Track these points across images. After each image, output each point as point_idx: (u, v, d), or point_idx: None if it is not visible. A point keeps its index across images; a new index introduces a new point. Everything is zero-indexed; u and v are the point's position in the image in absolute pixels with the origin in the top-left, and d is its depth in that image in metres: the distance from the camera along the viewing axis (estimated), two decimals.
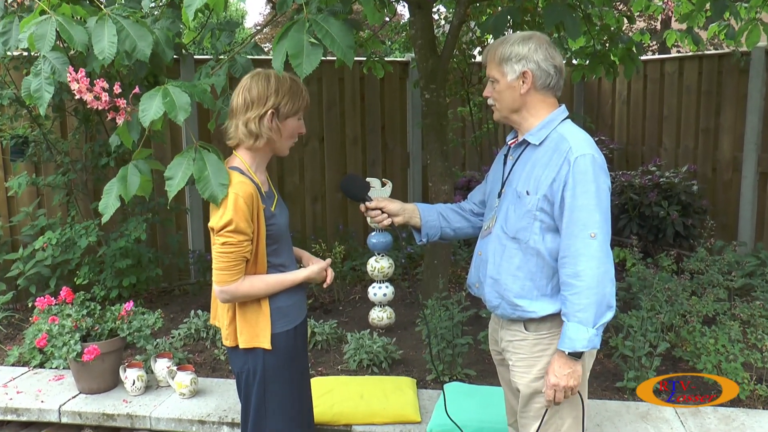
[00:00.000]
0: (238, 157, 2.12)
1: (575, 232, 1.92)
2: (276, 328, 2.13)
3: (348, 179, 2.33)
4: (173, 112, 1.93)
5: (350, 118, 6.18)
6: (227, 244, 2.02)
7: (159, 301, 5.23)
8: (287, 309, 2.15)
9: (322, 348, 4.20)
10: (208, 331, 4.35)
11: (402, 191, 6.41)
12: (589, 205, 1.91)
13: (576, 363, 1.96)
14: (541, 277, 2.03)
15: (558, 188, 1.95)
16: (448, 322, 3.70)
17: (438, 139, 4.41)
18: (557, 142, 1.99)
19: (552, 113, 2.05)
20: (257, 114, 2.04)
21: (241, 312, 2.13)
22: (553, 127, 2.03)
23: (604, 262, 1.91)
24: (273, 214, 2.11)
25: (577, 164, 1.92)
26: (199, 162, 2.00)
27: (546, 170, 1.98)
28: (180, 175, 2.00)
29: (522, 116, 2.07)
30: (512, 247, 2.05)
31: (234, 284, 2.05)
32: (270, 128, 2.06)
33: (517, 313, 2.07)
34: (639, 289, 4.30)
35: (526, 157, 2.07)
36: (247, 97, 2.05)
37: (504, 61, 2.03)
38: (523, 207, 2.02)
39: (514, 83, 2.03)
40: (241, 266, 2.05)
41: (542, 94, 2.04)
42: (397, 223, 2.31)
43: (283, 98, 2.06)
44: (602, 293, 1.91)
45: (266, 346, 2.11)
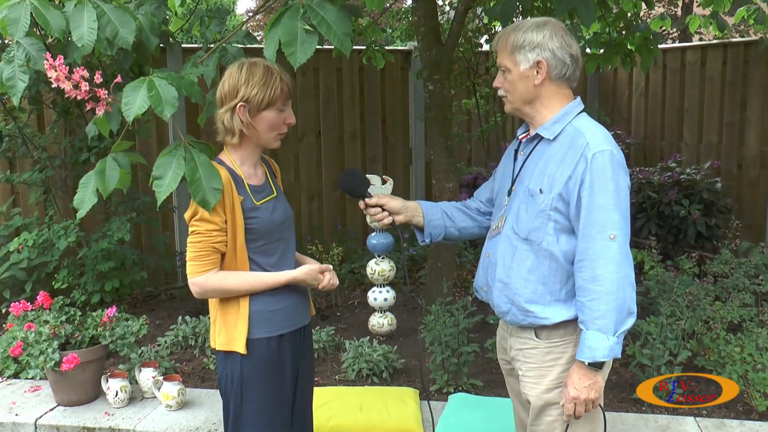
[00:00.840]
0: (225, 150, 2.16)
1: (593, 234, 1.92)
2: (255, 332, 2.12)
3: (347, 174, 2.33)
4: (159, 107, 1.93)
5: (349, 112, 6.18)
6: (196, 233, 2.06)
7: (144, 307, 5.23)
8: (271, 314, 2.14)
9: (319, 356, 4.20)
10: (196, 339, 4.35)
11: (404, 189, 6.41)
12: (608, 205, 1.90)
13: (596, 374, 1.96)
14: (555, 281, 2.02)
15: (574, 187, 1.94)
16: (453, 328, 3.70)
17: (442, 133, 4.40)
18: (573, 137, 1.99)
19: (567, 106, 2.04)
20: (230, 106, 2.06)
21: (221, 312, 2.15)
22: (568, 120, 2.02)
23: (623, 266, 1.91)
24: (256, 207, 2.11)
25: (595, 161, 1.92)
26: (190, 162, 2.01)
27: (561, 167, 1.97)
28: (170, 175, 2.00)
29: (535, 109, 2.06)
30: (524, 248, 2.05)
31: (203, 276, 2.07)
32: (241, 122, 2.07)
33: (529, 320, 2.06)
34: (658, 293, 4.29)
35: (539, 152, 2.06)
36: (222, 90, 2.08)
37: (517, 49, 2.02)
38: (535, 206, 2.01)
39: (527, 73, 2.02)
40: (212, 258, 2.07)
41: (557, 85, 2.03)
42: (398, 222, 2.30)
43: (252, 89, 2.05)
44: (622, 298, 1.91)
45: (240, 350, 2.10)
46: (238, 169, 2.12)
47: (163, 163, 2.02)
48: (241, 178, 2.10)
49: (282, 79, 2.08)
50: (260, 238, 2.12)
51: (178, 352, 4.33)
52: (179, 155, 2.02)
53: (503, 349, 2.28)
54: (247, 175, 2.14)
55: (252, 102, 2.06)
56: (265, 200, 2.15)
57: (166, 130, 5.51)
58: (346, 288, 5.51)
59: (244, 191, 2.10)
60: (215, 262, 2.08)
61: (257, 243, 2.12)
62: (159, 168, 2.02)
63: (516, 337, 2.15)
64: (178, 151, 2.03)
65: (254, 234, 2.11)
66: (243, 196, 2.09)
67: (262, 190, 2.17)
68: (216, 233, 2.05)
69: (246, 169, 2.14)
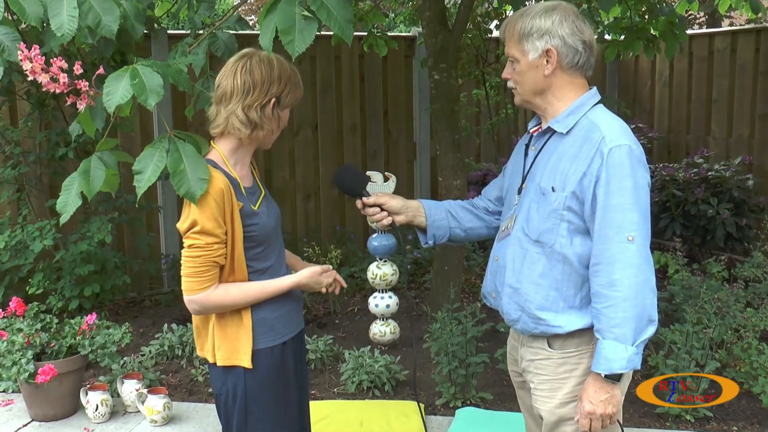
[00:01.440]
0: (215, 149, 2.13)
1: (610, 236, 1.92)
2: (259, 343, 2.13)
3: (343, 170, 2.33)
4: (143, 96, 1.94)
5: (348, 103, 6.19)
6: (194, 247, 2.03)
7: (127, 314, 5.25)
8: (273, 321, 2.16)
9: (316, 368, 4.21)
10: (183, 348, 4.37)
11: (407, 187, 6.42)
12: (626, 204, 1.91)
13: (614, 387, 1.97)
14: (569, 287, 2.03)
15: (589, 184, 1.95)
16: (461, 337, 3.71)
17: (449, 126, 4.41)
18: (588, 131, 1.99)
19: (581, 97, 2.05)
20: (260, 101, 2.07)
21: (219, 324, 2.14)
22: (582, 112, 2.03)
23: (643, 270, 1.91)
24: (255, 212, 2.11)
25: (612, 157, 1.92)
26: (173, 154, 2.00)
27: (574, 163, 1.98)
28: (151, 168, 2.00)
29: (547, 100, 2.07)
30: (534, 251, 2.06)
31: (204, 293, 2.06)
32: (270, 118, 2.10)
33: (540, 328, 2.07)
34: (683, 299, 4.30)
35: (551, 147, 2.07)
36: (248, 80, 2.07)
37: (524, 37, 2.03)
38: (547, 205, 2.02)
39: (536, 62, 2.03)
40: (212, 273, 2.06)
41: (569, 74, 2.04)
42: (398, 223, 2.31)
43: (285, 87, 2.10)
44: (642, 305, 1.91)
45: (246, 364, 2.11)
46: (233, 172, 2.11)
47: (145, 156, 2.02)
48: (237, 182, 2.11)
49: (300, 80, 2.15)
50: (259, 245, 2.13)
51: (163, 362, 4.35)
52: (162, 148, 2.02)
53: (514, 360, 2.29)
54: (242, 177, 2.14)
55: (282, 100, 2.11)
56: (259, 202, 2.16)
57: (151, 123, 5.53)
58: (345, 294, 5.52)
59: (241, 196, 2.10)
60: (215, 277, 2.07)
61: (255, 250, 2.13)
62: (141, 161, 2.02)
63: (527, 347, 2.16)
64: (162, 143, 2.03)
65: (253, 241, 2.12)
66: (242, 202, 2.09)
67: (254, 192, 2.18)
68: (217, 246, 2.04)
69: (240, 170, 2.15)
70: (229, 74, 2.09)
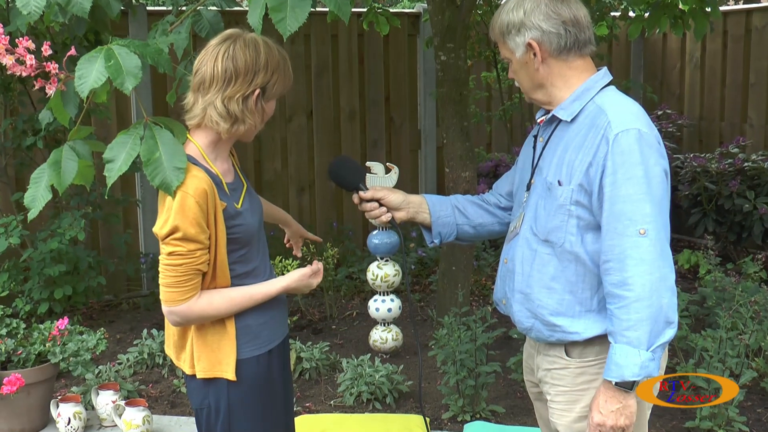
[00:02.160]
0: (192, 142, 2.11)
1: (619, 230, 1.92)
2: (243, 352, 2.13)
3: (338, 162, 2.33)
4: (119, 79, 1.93)
5: (346, 87, 6.19)
6: (175, 254, 2.01)
7: (102, 318, 5.25)
8: (259, 328, 2.16)
9: (311, 378, 4.22)
10: (164, 356, 4.38)
11: (411, 179, 6.42)
12: (636, 194, 1.91)
13: (627, 396, 1.96)
14: (584, 288, 2.04)
15: (595, 175, 1.95)
16: (470, 344, 3.71)
17: (457, 112, 4.41)
18: (594, 116, 2.00)
19: (587, 80, 2.06)
20: (242, 92, 2.04)
21: (198, 334, 2.13)
22: (589, 97, 2.04)
23: (658, 266, 1.92)
24: (239, 212, 2.10)
25: (618, 143, 1.93)
26: (148, 140, 2.00)
27: (580, 153, 1.99)
28: (123, 157, 1.99)
29: (548, 93, 2.09)
30: (544, 252, 2.06)
31: (185, 304, 2.05)
32: (254, 111, 2.07)
33: (557, 336, 2.08)
34: (716, 302, 4.30)
35: (558, 137, 2.08)
36: (230, 68, 2.03)
37: (505, 36, 2.08)
38: (554, 201, 2.03)
39: (524, 59, 2.06)
40: (195, 282, 2.05)
41: (563, 60, 2.05)
42: (399, 220, 2.31)
43: (272, 76, 2.06)
44: (658, 305, 1.91)
45: (230, 376, 2.11)
46: (214, 168, 2.09)
47: (117, 144, 2.01)
48: (219, 180, 2.09)
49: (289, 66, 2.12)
50: (242, 246, 2.13)
51: (142, 372, 4.36)
52: (137, 134, 2.01)
53: (530, 370, 2.29)
54: (223, 172, 2.13)
55: (267, 91, 2.07)
56: (242, 198, 2.15)
57: (129, 110, 5.53)
58: (342, 296, 5.53)
59: (225, 195, 2.09)
60: (198, 286, 2.06)
61: (239, 253, 2.13)
62: (112, 149, 2.00)
63: (544, 355, 2.16)
64: (137, 129, 2.02)
65: (237, 244, 2.11)
66: (225, 201, 2.07)
67: (236, 187, 2.17)
68: (200, 253, 2.02)
69: (220, 165, 2.13)
70: (209, 59, 2.05)
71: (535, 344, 2.21)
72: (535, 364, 2.23)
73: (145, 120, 2.05)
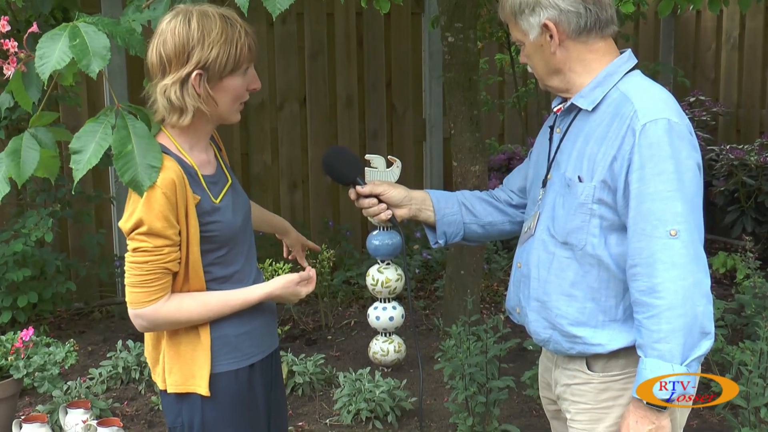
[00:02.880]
0: (164, 132, 2.10)
1: (647, 231, 1.92)
2: (219, 365, 2.11)
3: (333, 153, 2.34)
4: (85, 60, 1.92)
5: (343, 71, 6.18)
6: (140, 251, 2.01)
7: (72, 328, 5.25)
8: (238, 339, 2.14)
9: (304, 394, 4.21)
10: (141, 370, 4.37)
11: (415, 173, 6.42)
12: (666, 191, 1.91)
13: (660, 416, 1.96)
14: (608, 296, 2.04)
15: (620, 170, 1.95)
16: (480, 357, 3.71)
17: (466, 99, 4.41)
18: (618, 105, 2.00)
19: (610, 64, 2.06)
20: (176, 78, 2.01)
21: (171, 343, 2.12)
22: (612, 83, 2.04)
23: (692, 271, 1.91)
24: (216, 207, 2.09)
25: (646, 134, 1.92)
26: (121, 131, 1.98)
27: (603, 145, 1.98)
28: (92, 147, 1.97)
29: (566, 79, 2.08)
30: (563, 255, 2.06)
31: (152, 306, 2.04)
32: (198, 97, 2.03)
33: (577, 348, 2.07)
34: (755, 310, 4.28)
35: (577, 128, 2.08)
36: (162, 54, 2.02)
37: (517, 17, 2.06)
38: (574, 199, 2.03)
39: (539, 41, 2.05)
40: (163, 282, 2.04)
41: (582, 42, 2.04)
42: (400, 218, 2.32)
43: (211, 50, 2.00)
44: (692, 314, 1.91)
45: (203, 391, 2.10)
46: (188, 158, 2.08)
47: (86, 132, 1.99)
48: (194, 170, 2.08)
49: (246, 32, 2.06)
50: (221, 247, 2.12)
51: (116, 388, 4.35)
52: (108, 123, 2.00)
53: (547, 385, 2.29)
54: (200, 163, 2.11)
55: (211, 68, 2.02)
56: (223, 194, 2.14)
57: (101, 97, 5.53)
58: (339, 304, 5.53)
59: (200, 188, 2.08)
60: (167, 286, 2.05)
61: (216, 254, 2.12)
62: (80, 138, 1.99)
63: (563, 368, 2.16)
64: (108, 117, 2.01)
65: (213, 243, 2.10)
66: (199, 195, 2.07)
67: (217, 181, 2.16)
68: (168, 250, 2.02)
69: (197, 155, 2.12)
70: (150, 47, 2.05)
71: (553, 357, 2.21)
72: (552, 379, 2.23)
73: (116, 106, 2.04)
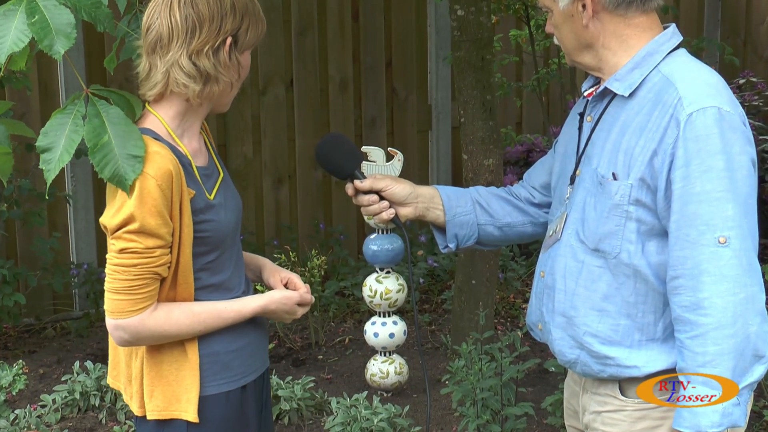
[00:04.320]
0: (153, 114, 2.13)
1: (692, 237, 1.93)
2: (209, 387, 2.14)
3: (328, 141, 2.35)
4: (47, 40, 1.91)
5: (336, 50, 6.19)
6: (129, 252, 2.02)
7: (20, 347, 5.25)
8: (229, 356, 2.17)
9: (291, 422, 4.22)
10: (102, 395, 4.38)
11: (420, 168, 6.44)
12: (716, 192, 1.92)
13: None
14: (645, 311, 2.05)
15: (662, 166, 1.96)
16: (495, 379, 3.72)
17: (478, 82, 4.42)
18: (659, 91, 2.01)
19: (650, 42, 2.06)
20: (211, 43, 2.06)
21: (151, 361, 2.14)
22: (652, 65, 2.05)
23: (744, 284, 1.92)
24: (211, 204, 2.12)
25: (692, 125, 1.93)
26: (93, 120, 1.98)
27: (642, 138, 1.99)
28: (62, 143, 1.97)
29: (599, 56, 2.09)
30: (594, 264, 2.07)
31: (138, 316, 2.05)
32: (228, 66, 2.09)
33: (609, 370, 2.09)
34: None
35: (612, 116, 2.09)
36: (191, 15, 2.05)
37: None
38: (607, 199, 2.04)
39: (569, 10, 2.06)
40: (151, 288, 2.06)
41: (621, 15, 2.05)
42: (405, 218, 2.33)
43: (243, 20, 2.09)
44: (744, 335, 1.92)
45: (190, 417, 2.11)
46: (181, 146, 2.12)
47: (53, 127, 1.99)
48: (188, 160, 2.11)
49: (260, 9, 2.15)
50: (212, 250, 2.15)
51: (73, 417, 4.35)
52: (78, 113, 2.00)
53: (574, 413, 2.30)
54: (193, 153, 2.15)
55: (240, 39, 2.10)
56: (216, 189, 2.17)
57: (55, 78, 5.53)
58: (332, 318, 5.53)
59: (194, 181, 2.11)
60: (155, 294, 2.07)
61: (207, 258, 2.14)
62: (47, 134, 1.98)
63: (592, 393, 2.17)
64: (76, 106, 2.01)
65: (205, 245, 2.12)
66: (193, 189, 2.09)
67: (210, 173, 2.19)
68: (160, 252, 2.03)
69: (189, 143, 2.15)
70: (162, 10, 2.07)
71: (581, 380, 2.22)
72: (580, 406, 2.24)
73: (84, 92, 2.04)
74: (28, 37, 1.92)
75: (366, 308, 4.95)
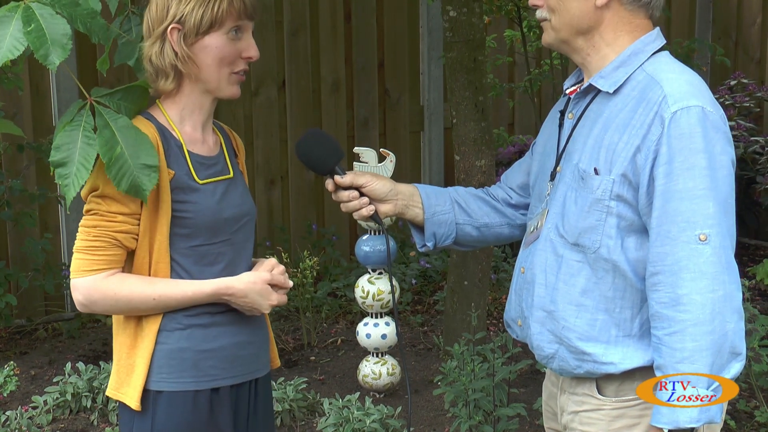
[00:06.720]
0: (157, 105, 2.20)
1: (673, 233, 1.94)
2: (158, 381, 2.14)
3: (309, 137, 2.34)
4: (42, 50, 1.91)
5: (328, 51, 6.20)
6: (90, 213, 2.11)
7: (11, 349, 5.24)
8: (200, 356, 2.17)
9: (284, 424, 4.22)
10: (94, 397, 4.37)
11: (412, 168, 6.45)
12: (697, 189, 1.93)
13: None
14: (624, 307, 2.06)
15: (645, 163, 1.97)
16: (487, 380, 3.72)
17: (470, 83, 4.43)
18: (644, 89, 2.02)
19: (636, 42, 2.07)
20: (156, 36, 2.13)
21: (117, 341, 2.19)
22: (637, 63, 2.06)
23: (723, 282, 1.93)
24: (195, 188, 2.15)
25: (676, 123, 1.94)
26: (103, 131, 2.00)
27: (625, 134, 2.00)
28: (78, 158, 1.99)
29: (592, 42, 2.09)
30: (573, 258, 2.08)
31: (91, 277, 2.10)
32: (174, 53, 2.12)
33: (586, 366, 2.09)
34: None
35: (595, 113, 2.09)
36: (149, 18, 2.15)
37: None
38: (588, 194, 2.04)
39: None
40: (110, 254, 2.10)
41: (630, 10, 2.06)
42: (384, 215, 2.33)
43: (187, 3, 2.11)
44: (722, 332, 1.93)
45: (131, 403, 2.14)
46: (175, 130, 2.16)
47: (65, 141, 2.00)
48: (179, 143, 2.16)
49: None
50: (195, 234, 2.16)
51: (64, 418, 4.34)
52: (86, 124, 2.01)
53: (552, 414, 2.31)
54: (190, 139, 2.19)
55: (187, 22, 2.11)
56: (213, 180, 2.20)
57: (46, 78, 5.54)
58: (324, 319, 5.53)
59: (180, 160, 2.15)
60: (113, 260, 2.11)
61: (189, 242, 2.16)
62: (60, 148, 1.99)
63: (570, 394, 2.18)
64: (82, 117, 2.02)
65: (186, 227, 2.15)
66: (175, 169, 2.13)
67: (211, 165, 2.22)
68: (122, 219, 2.09)
69: (187, 130, 2.20)
70: None
71: (558, 381, 2.23)
72: (558, 407, 2.24)
73: (88, 101, 2.06)
74: (24, 45, 1.93)
75: (358, 309, 4.96)
